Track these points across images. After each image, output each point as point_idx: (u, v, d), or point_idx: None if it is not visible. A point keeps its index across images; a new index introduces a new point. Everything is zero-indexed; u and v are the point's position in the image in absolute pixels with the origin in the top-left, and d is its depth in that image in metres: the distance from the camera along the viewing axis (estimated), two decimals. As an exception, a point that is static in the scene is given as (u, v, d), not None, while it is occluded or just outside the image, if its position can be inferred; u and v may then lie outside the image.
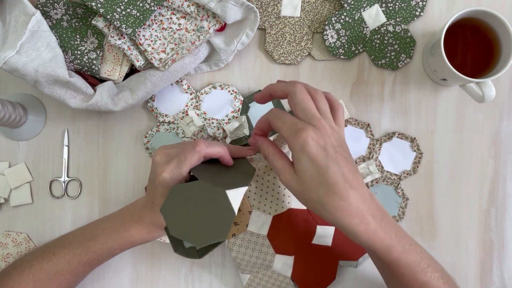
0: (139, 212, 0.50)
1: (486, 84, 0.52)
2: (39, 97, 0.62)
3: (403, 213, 0.60)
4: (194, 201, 0.39)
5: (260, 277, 0.58)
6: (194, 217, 0.38)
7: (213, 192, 0.39)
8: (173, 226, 0.38)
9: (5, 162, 0.61)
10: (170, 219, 0.38)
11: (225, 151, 0.46)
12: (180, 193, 0.39)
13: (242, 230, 0.56)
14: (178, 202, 0.39)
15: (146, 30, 0.55)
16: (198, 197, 0.39)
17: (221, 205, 0.38)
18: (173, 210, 0.38)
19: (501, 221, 0.61)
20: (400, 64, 0.60)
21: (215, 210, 0.38)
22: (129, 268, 0.61)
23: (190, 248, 0.42)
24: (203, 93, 0.61)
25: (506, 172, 0.61)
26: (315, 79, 0.61)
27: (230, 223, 0.38)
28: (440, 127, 0.61)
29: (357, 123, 0.60)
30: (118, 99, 0.56)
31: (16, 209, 0.62)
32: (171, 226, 0.38)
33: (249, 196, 0.56)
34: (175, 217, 0.38)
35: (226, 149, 0.47)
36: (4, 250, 0.61)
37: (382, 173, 0.60)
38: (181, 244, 0.42)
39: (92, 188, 0.62)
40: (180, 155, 0.44)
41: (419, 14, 0.60)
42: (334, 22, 0.60)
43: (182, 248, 0.42)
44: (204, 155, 0.44)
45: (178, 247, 0.42)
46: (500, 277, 0.61)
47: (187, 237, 0.38)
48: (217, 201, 0.38)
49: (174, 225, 0.38)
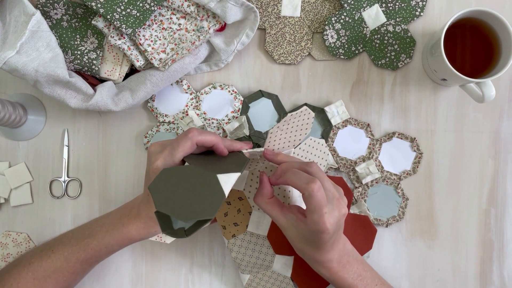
0: (137, 207, 0.50)
1: (486, 84, 0.52)
2: (39, 97, 0.62)
3: (403, 213, 0.60)
4: (184, 183, 0.38)
5: (260, 277, 0.58)
6: (183, 196, 0.38)
7: (204, 176, 0.39)
8: (160, 202, 0.38)
9: (5, 162, 0.61)
10: (158, 196, 0.38)
11: (218, 139, 0.47)
12: (170, 174, 0.39)
13: (242, 231, 0.56)
14: (167, 182, 0.39)
15: (146, 30, 0.55)
16: (188, 180, 0.39)
17: (211, 187, 0.38)
18: (161, 189, 0.38)
19: (501, 221, 0.61)
20: (400, 64, 0.60)
21: (204, 192, 0.38)
22: (129, 268, 0.61)
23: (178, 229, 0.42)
24: (203, 93, 0.61)
25: (506, 172, 0.61)
26: (315, 79, 0.61)
27: (219, 203, 0.38)
28: (440, 127, 0.61)
29: (357, 123, 0.60)
30: (118, 99, 0.56)
31: (16, 209, 0.62)
32: (158, 202, 0.38)
33: (249, 196, 0.56)
34: (163, 195, 0.38)
35: (220, 138, 0.47)
36: (4, 250, 0.61)
37: (382, 173, 0.60)
38: (169, 224, 0.42)
39: (92, 188, 0.62)
40: (173, 143, 0.46)
41: (419, 14, 0.60)
42: (334, 22, 0.60)
43: (170, 229, 0.42)
44: (197, 142, 0.45)
45: (166, 227, 0.41)
46: (500, 277, 0.61)
47: (174, 212, 0.37)
48: (208, 184, 0.38)
49: (161, 201, 0.38)
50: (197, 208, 0.38)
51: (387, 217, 0.60)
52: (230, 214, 0.56)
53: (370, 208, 0.60)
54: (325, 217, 0.43)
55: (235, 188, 0.56)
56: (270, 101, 0.61)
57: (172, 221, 0.42)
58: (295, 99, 0.61)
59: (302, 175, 0.44)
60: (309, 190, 0.43)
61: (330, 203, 0.44)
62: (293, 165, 0.47)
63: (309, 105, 0.60)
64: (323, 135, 0.60)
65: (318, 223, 0.43)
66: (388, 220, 0.60)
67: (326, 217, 0.43)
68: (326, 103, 0.61)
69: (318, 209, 0.43)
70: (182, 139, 0.45)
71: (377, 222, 0.60)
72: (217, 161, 0.46)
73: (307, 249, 0.47)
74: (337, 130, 0.60)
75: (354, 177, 0.60)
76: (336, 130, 0.60)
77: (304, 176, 0.44)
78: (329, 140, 0.60)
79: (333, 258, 0.48)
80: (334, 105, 0.60)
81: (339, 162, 0.60)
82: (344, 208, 0.45)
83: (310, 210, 0.43)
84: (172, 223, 0.42)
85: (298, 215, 0.46)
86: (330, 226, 0.43)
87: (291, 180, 0.45)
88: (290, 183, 0.45)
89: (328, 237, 0.44)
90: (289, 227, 0.47)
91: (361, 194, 0.60)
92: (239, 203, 0.56)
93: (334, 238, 0.46)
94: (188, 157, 0.45)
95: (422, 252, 0.61)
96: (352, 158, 0.60)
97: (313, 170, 0.45)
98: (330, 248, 0.47)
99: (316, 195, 0.43)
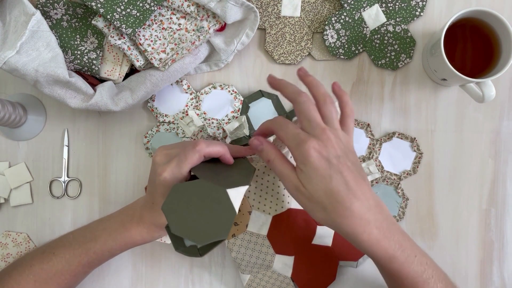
0: (140, 212, 0.50)
1: (486, 84, 0.52)
2: (39, 97, 0.62)
3: (403, 213, 0.60)
4: (195, 199, 0.39)
5: (260, 277, 0.58)
6: (195, 215, 0.38)
7: (214, 191, 0.39)
8: (174, 224, 0.38)
9: (5, 162, 0.61)
10: (172, 217, 0.38)
11: (225, 150, 0.46)
12: (181, 191, 0.39)
13: (242, 231, 0.56)
14: (179, 200, 0.39)
15: (146, 30, 0.55)
16: (199, 196, 0.39)
17: (222, 204, 0.38)
18: (174, 208, 0.38)
19: (501, 221, 0.61)
20: (400, 64, 0.60)
21: (216, 209, 0.38)
22: (129, 268, 0.61)
23: (191, 247, 0.42)
24: (203, 93, 0.61)
25: (506, 172, 0.61)
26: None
27: (231, 222, 0.38)
28: (440, 127, 0.61)
29: (357, 123, 0.60)
30: (118, 99, 0.56)
31: (16, 209, 0.62)
32: (173, 224, 0.38)
33: (248, 196, 0.56)
34: (176, 215, 0.38)
35: (227, 148, 0.47)
36: (4, 250, 0.61)
37: (382, 173, 0.60)
38: (182, 242, 0.42)
39: (92, 188, 0.62)
40: (180, 155, 0.44)
41: (419, 14, 0.60)
42: (334, 22, 0.60)
43: (183, 247, 0.42)
44: (204, 154, 0.44)
45: (179, 246, 0.42)
46: (500, 277, 0.61)
47: (188, 235, 0.38)
48: (218, 200, 0.38)
49: (175, 223, 0.38)
50: (210, 229, 0.38)
51: (387, 217, 0.60)
52: (230, 214, 0.56)
53: (370, 208, 0.60)
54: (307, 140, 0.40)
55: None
56: (270, 101, 0.61)
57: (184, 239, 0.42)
58: (295, 99, 0.61)
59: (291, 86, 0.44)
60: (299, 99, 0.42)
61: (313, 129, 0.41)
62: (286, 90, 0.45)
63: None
64: (323, 135, 0.60)
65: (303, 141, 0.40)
66: (388, 220, 0.60)
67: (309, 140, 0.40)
68: (326, 103, 0.61)
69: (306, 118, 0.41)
70: (189, 152, 0.43)
71: (377, 222, 0.60)
72: (224, 170, 0.46)
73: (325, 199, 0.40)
74: (337, 130, 0.60)
75: (354, 177, 0.60)
76: (336, 130, 0.60)
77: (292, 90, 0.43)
78: (329, 140, 0.60)
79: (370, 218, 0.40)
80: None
81: (339, 162, 0.60)
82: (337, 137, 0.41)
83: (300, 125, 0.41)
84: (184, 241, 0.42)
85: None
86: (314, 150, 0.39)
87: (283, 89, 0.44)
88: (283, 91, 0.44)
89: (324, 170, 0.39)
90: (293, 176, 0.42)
91: (361, 194, 0.60)
92: (239, 203, 0.56)
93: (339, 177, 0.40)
94: (195, 168, 0.44)
95: (422, 252, 0.61)
96: (352, 158, 0.60)
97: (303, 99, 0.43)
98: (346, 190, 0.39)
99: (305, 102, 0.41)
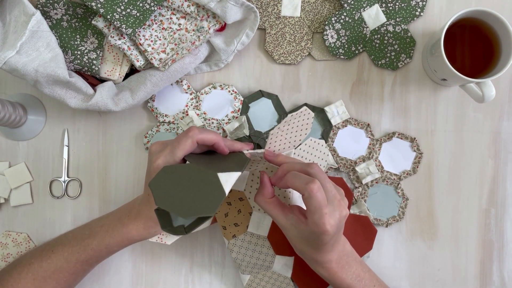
0: (137, 207, 0.50)
1: (486, 84, 0.52)
2: (39, 97, 0.62)
3: (403, 213, 0.60)
4: (185, 180, 0.39)
5: (260, 277, 0.58)
6: (183, 193, 0.38)
7: (204, 174, 0.39)
8: (160, 199, 0.38)
9: (5, 162, 0.61)
10: (158, 192, 0.38)
11: (219, 138, 0.47)
12: (171, 172, 0.39)
13: (243, 231, 0.56)
14: (168, 180, 0.39)
15: (146, 30, 0.55)
16: (189, 178, 0.39)
17: (212, 185, 0.39)
18: (162, 186, 0.38)
19: (501, 221, 0.61)
20: (400, 64, 0.60)
21: (205, 190, 0.38)
22: (129, 268, 0.61)
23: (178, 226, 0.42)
24: (203, 93, 0.61)
25: (506, 172, 0.61)
26: (315, 79, 0.61)
27: (219, 201, 0.38)
28: (440, 127, 0.61)
29: (357, 123, 0.60)
30: (118, 99, 0.56)
31: (16, 209, 0.62)
32: (158, 199, 0.38)
33: (249, 197, 0.56)
34: (163, 192, 0.38)
35: (220, 137, 0.48)
36: (4, 250, 0.61)
37: (382, 173, 0.60)
38: (169, 221, 0.42)
39: (92, 188, 0.62)
40: (174, 142, 0.46)
41: (419, 14, 0.60)
42: (334, 22, 0.60)
43: (169, 226, 0.42)
44: (198, 140, 0.45)
45: (166, 225, 0.41)
46: (500, 277, 0.61)
47: (173, 208, 0.37)
48: (208, 182, 0.39)
49: (161, 198, 0.38)
50: (197, 205, 0.38)
51: (387, 217, 0.60)
52: (231, 215, 0.56)
53: (370, 208, 0.60)
54: (325, 218, 0.43)
55: (236, 189, 0.56)
56: (270, 101, 0.61)
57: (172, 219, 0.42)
58: (295, 99, 0.61)
59: (301, 176, 0.44)
60: (309, 190, 0.42)
61: (331, 204, 0.44)
62: (294, 166, 0.47)
63: (309, 105, 0.60)
64: (323, 135, 0.60)
65: (318, 224, 0.43)
66: (388, 220, 0.60)
67: (327, 218, 0.43)
68: (326, 103, 0.61)
69: (318, 210, 0.43)
70: (182, 138, 0.45)
71: (377, 222, 0.60)
72: (218, 160, 0.47)
73: (307, 250, 0.47)
74: (337, 130, 0.60)
75: (354, 177, 0.60)
76: (336, 130, 0.60)
77: (304, 177, 0.44)
78: (329, 140, 0.60)
79: (333, 259, 0.48)
80: (334, 105, 0.60)
81: (339, 162, 0.60)
82: (345, 210, 0.45)
83: (311, 211, 0.43)
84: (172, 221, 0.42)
85: (299, 215, 0.46)
86: (331, 227, 0.43)
87: (291, 182, 0.45)
88: (290, 185, 0.45)
89: (329, 238, 0.44)
90: (289, 228, 0.47)
91: (361, 194, 0.60)
92: (240, 204, 0.56)
93: (335, 239, 0.46)
94: (189, 156, 0.45)
95: (422, 252, 0.61)
96: (352, 158, 0.60)
97: (314, 171, 0.45)
98: (330, 249, 0.47)
99: (316, 195, 0.42)
